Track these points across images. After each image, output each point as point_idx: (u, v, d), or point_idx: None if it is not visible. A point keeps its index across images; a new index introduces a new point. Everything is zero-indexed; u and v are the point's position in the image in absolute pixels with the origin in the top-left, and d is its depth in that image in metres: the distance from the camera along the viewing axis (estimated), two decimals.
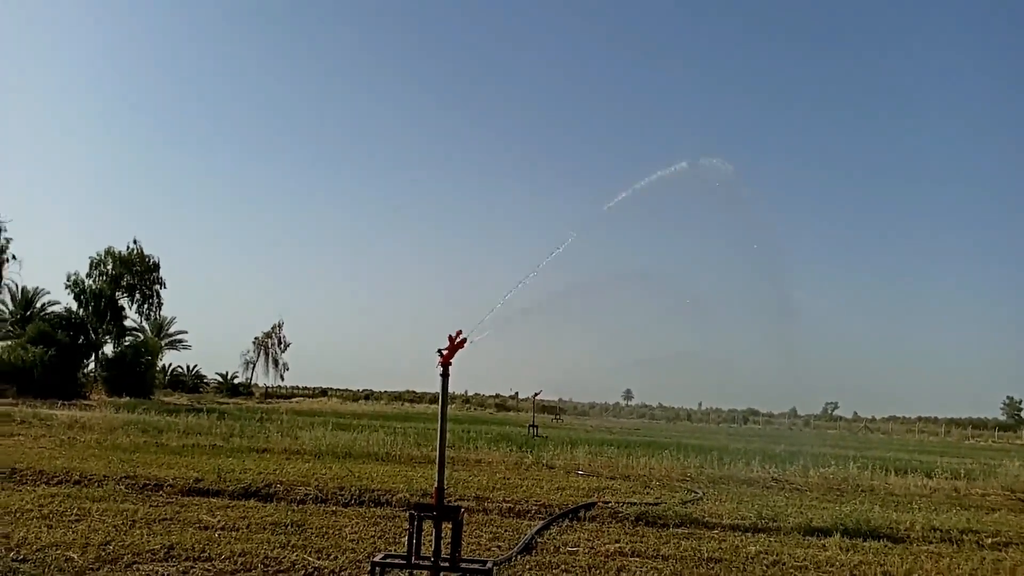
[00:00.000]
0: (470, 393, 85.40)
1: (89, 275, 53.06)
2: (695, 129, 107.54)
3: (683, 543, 8.50)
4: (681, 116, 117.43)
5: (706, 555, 7.92)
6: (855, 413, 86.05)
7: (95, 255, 53.93)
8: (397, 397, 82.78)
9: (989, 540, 9.66)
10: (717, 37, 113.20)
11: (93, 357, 53.33)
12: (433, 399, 71.13)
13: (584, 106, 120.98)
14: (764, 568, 7.54)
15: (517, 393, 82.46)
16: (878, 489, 14.73)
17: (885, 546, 8.99)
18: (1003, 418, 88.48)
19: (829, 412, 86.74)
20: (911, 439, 58.92)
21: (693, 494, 12.42)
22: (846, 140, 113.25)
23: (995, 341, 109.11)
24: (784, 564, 7.74)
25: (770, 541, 8.94)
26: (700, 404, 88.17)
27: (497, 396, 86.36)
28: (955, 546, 9.26)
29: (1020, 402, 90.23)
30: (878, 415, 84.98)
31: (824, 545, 8.85)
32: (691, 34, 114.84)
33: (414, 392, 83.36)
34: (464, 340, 6.11)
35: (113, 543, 7.04)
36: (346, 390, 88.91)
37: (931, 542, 9.42)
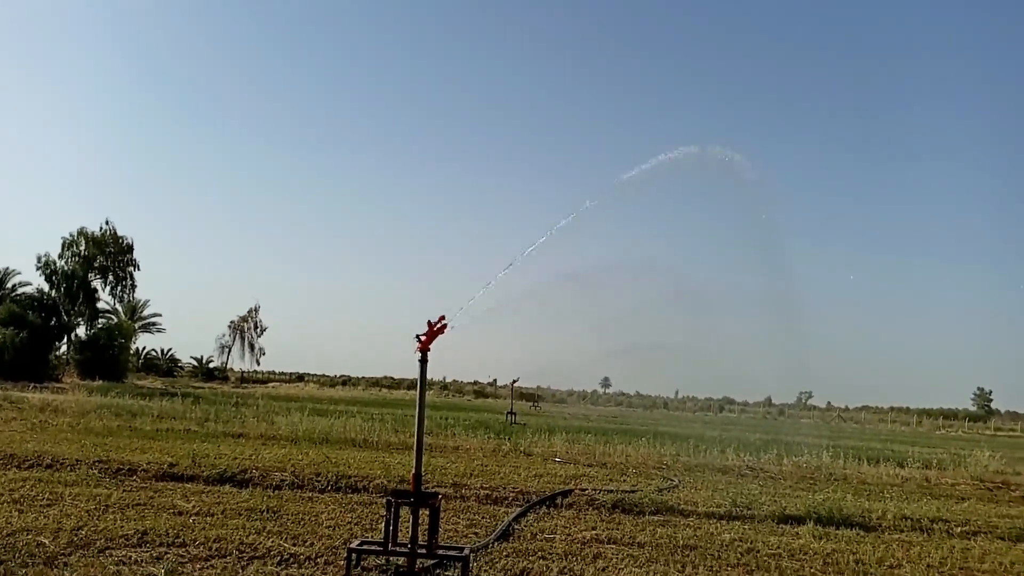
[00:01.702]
0: (448, 380, 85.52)
1: (61, 256, 52.39)
2: (694, 123, 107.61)
3: (659, 530, 8.56)
4: (679, 109, 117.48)
5: (681, 542, 7.97)
6: (828, 403, 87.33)
7: (67, 236, 53.21)
8: (375, 383, 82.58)
9: (958, 529, 9.82)
10: (713, 30, 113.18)
11: (65, 339, 52.69)
12: (411, 385, 70.84)
13: (575, 99, 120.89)
14: (738, 555, 7.60)
15: (495, 380, 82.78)
16: (851, 478, 14.93)
17: (857, 534, 9.11)
18: (973, 408, 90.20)
19: (803, 401, 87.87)
20: (884, 429, 59.86)
21: (669, 482, 12.51)
22: (823, 132, 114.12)
23: (966, 332, 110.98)
24: (758, 551, 7.82)
25: (744, 529, 9.02)
26: (677, 392, 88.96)
27: (475, 383, 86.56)
28: (925, 534, 9.40)
29: (990, 393, 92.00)
30: (851, 405, 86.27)
31: (797, 533, 8.94)
32: (689, 27, 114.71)
33: (392, 378, 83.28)
34: (444, 326, 6.08)
35: (85, 528, 6.95)
36: (323, 375, 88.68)
37: (902, 530, 9.56)
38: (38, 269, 51.15)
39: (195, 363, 77.41)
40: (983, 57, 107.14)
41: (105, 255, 54.27)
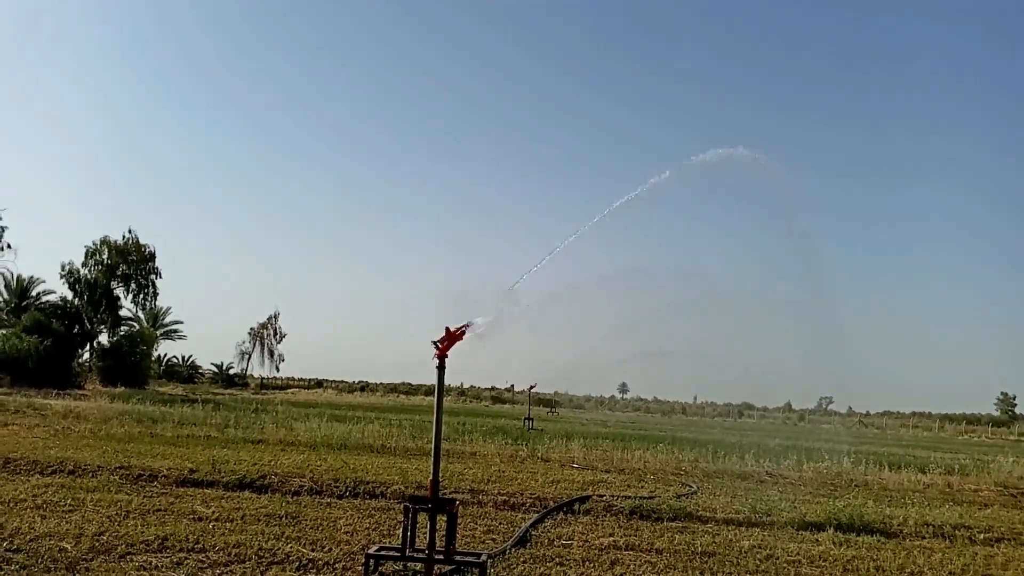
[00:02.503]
0: (466, 385, 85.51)
1: (84, 264, 52.91)
2: (704, 125, 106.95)
3: (677, 537, 8.52)
4: (687, 112, 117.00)
5: (700, 549, 7.93)
6: (850, 408, 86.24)
7: (90, 244, 53.82)
8: (393, 389, 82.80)
9: (981, 535, 9.70)
10: (721, 32, 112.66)
11: (88, 347, 53.22)
12: (429, 391, 71.18)
13: (595, 99, 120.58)
14: (757, 562, 7.55)
15: (513, 386, 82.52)
16: (872, 484, 14.78)
17: (878, 541, 9.02)
18: (997, 414, 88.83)
19: (824, 407, 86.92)
20: (905, 434, 59.16)
21: (687, 488, 12.45)
22: (836, 131, 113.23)
23: (990, 337, 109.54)
24: (777, 558, 7.76)
25: (764, 535, 8.96)
26: (695, 398, 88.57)
27: (493, 389, 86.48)
28: (948, 541, 9.29)
29: (1014, 398, 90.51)
30: (873, 410, 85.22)
31: (817, 540, 8.87)
32: (696, 28, 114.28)
33: (410, 384, 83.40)
34: (462, 333, 6.11)
35: (107, 533, 7.03)
36: (342, 381, 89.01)
37: (924, 537, 9.45)
38: (62, 277, 51.75)
39: (215, 369, 77.87)
40: (994, 56, 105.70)
41: (127, 263, 54.80)
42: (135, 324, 58.35)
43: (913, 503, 12.05)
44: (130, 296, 55.82)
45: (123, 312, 55.96)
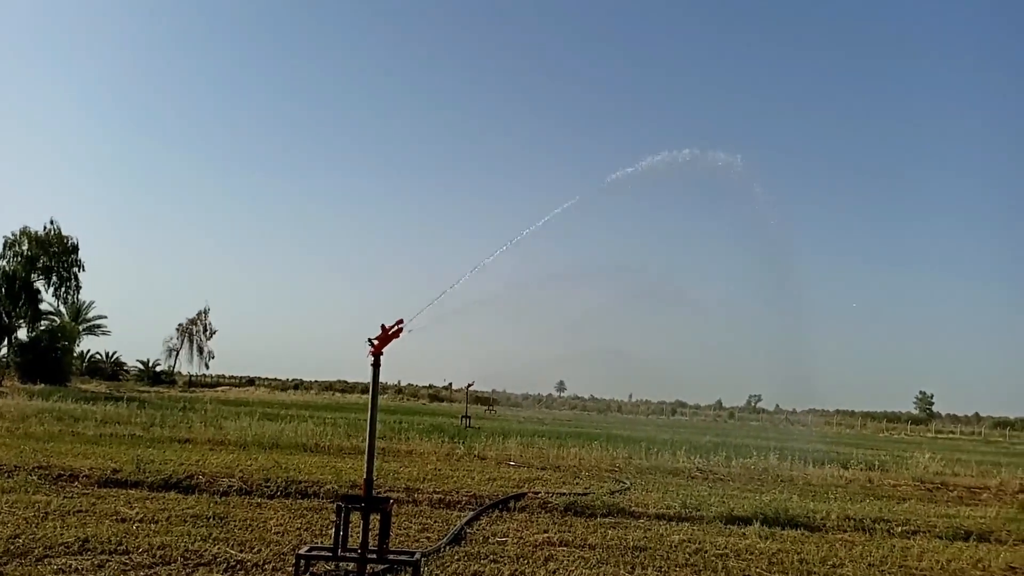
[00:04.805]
0: (403, 383, 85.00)
1: (3, 256, 50.60)
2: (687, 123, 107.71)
3: (610, 532, 8.64)
4: (673, 116, 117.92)
5: (631, 544, 8.06)
6: (777, 405, 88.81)
7: (9, 235, 51.49)
8: (328, 387, 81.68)
9: (899, 528, 10.11)
10: (713, 34, 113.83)
11: (6, 342, 50.91)
12: (365, 389, 70.33)
13: (562, 100, 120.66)
14: (687, 556, 7.71)
15: (451, 384, 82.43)
16: (797, 479, 15.26)
17: (802, 534, 9.32)
18: (916, 411, 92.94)
19: (752, 404, 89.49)
20: (829, 431, 61.20)
21: (621, 484, 12.63)
22: (777, 133, 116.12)
23: (910, 338, 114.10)
24: (706, 552, 7.94)
25: (693, 530, 9.16)
26: (630, 396, 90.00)
27: (430, 387, 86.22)
28: (868, 534, 9.66)
29: (932, 396, 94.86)
30: (799, 408, 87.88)
31: (744, 533, 9.11)
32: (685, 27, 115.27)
33: (346, 382, 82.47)
34: (398, 330, 6.06)
35: (23, 536, 6.74)
36: (275, 379, 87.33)
37: (845, 530, 9.80)
38: None
39: (141, 367, 75.43)
40: (988, 62, 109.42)
41: (49, 255, 52.53)
42: (56, 319, 56.17)
43: (835, 498, 12.50)
44: (51, 289, 53.55)
45: (43, 306, 53.71)
